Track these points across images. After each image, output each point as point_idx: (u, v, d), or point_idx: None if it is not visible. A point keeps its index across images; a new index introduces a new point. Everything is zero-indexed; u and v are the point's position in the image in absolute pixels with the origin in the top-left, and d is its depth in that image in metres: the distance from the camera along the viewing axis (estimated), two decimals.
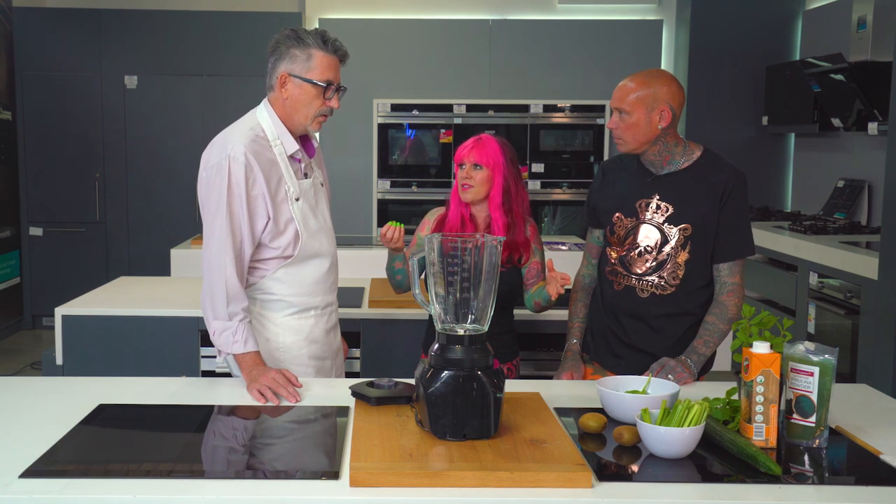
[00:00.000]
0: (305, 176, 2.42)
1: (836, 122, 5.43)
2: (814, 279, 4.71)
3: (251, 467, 1.73)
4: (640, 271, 2.41)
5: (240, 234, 2.27)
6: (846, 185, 5.65)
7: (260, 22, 6.60)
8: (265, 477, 1.65)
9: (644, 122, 2.34)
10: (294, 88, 2.31)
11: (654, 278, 2.40)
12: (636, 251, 2.42)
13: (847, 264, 4.37)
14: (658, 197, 2.41)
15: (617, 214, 2.46)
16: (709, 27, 6.46)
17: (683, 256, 2.39)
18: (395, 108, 6.43)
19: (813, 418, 1.83)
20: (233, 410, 2.06)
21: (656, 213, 2.40)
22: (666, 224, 2.39)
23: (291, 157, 2.37)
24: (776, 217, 5.95)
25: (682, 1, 6.65)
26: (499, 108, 6.44)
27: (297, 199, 2.35)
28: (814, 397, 1.83)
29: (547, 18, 6.75)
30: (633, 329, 2.45)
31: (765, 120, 6.38)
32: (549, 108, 6.45)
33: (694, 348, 2.35)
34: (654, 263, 2.41)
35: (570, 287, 2.58)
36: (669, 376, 2.24)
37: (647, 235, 2.41)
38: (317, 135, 2.57)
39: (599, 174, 2.57)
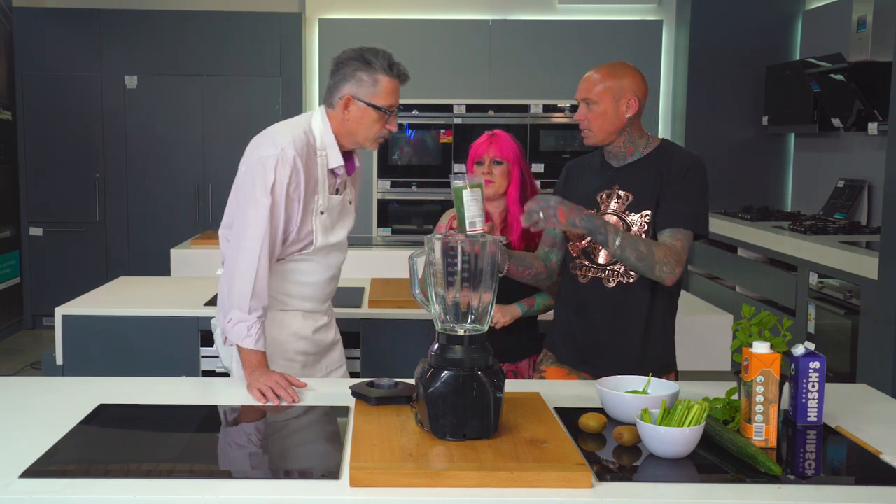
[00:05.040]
0: (337, 192, 2.43)
1: (836, 122, 5.43)
2: (814, 279, 4.71)
3: (251, 467, 1.74)
4: (603, 261, 2.40)
5: (276, 233, 2.29)
6: (846, 185, 5.65)
7: (260, 22, 6.60)
8: (265, 477, 1.65)
9: (612, 112, 2.35)
10: (357, 111, 2.32)
11: (619, 267, 2.38)
12: None
13: (847, 264, 4.37)
14: (618, 187, 2.40)
15: None
16: (709, 27, 6.46)
17: None
18: None
19: None
20: (233, 410, 2.06)
21: (617, 202, 2.40)
22: (627, 212, 2.38)
23: (331, 171, 2.38)
24: (776, 217, 5.95)
25: (682, 1, 6.65)
26: (499, 108, 6.44)
27: (322, 213, 2.37)
28: None
29: (547, 18, 6.74)
30: (601, 322, 2.40)
31: (765, 120, 6.38)
32: (549, 108, 6.44)
33: (604, 220, 2.27)
34: None
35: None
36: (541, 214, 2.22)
37: None
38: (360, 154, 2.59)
39: (563, 174, 2.57)
